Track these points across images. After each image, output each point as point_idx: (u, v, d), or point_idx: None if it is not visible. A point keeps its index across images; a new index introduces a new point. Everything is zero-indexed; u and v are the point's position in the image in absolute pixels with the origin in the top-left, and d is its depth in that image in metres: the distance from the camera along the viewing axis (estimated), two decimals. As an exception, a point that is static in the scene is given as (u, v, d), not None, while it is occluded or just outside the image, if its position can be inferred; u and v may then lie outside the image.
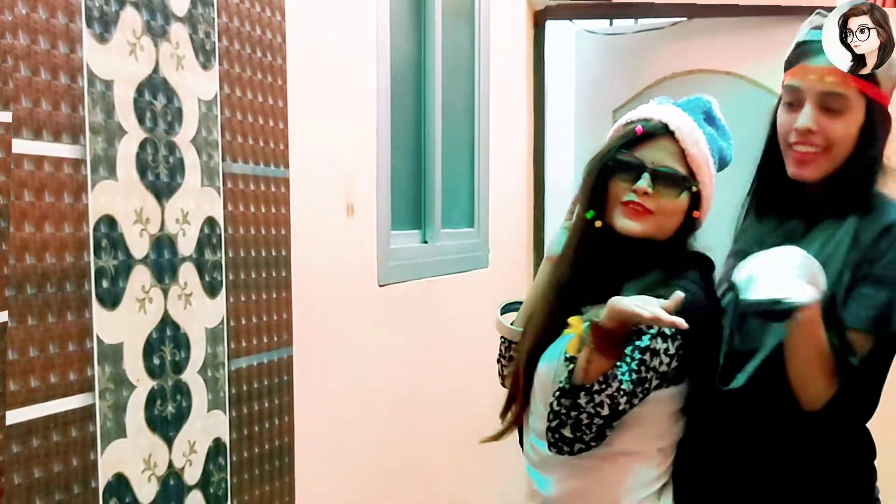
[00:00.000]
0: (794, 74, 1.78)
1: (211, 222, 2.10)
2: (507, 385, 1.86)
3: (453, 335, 3.53)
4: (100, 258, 1.80)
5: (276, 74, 2.34)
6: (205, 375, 2.09)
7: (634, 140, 1.73)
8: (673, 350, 1.62)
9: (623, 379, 1.57)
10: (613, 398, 1.57)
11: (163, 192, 1.96)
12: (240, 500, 2.23)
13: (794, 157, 1.78)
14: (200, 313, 2.08)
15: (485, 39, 3.83)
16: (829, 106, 1.74)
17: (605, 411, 1.57)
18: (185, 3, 2.01)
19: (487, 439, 1.84)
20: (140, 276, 1.90)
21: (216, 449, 2.14)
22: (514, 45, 4.20)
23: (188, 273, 2.03)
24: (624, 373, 1.58)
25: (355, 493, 2.84)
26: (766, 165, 1.88)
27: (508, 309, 1.94)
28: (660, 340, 1.62)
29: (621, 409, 1.59)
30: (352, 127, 2.81)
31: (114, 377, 1.84)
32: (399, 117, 3.17)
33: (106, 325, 1.81)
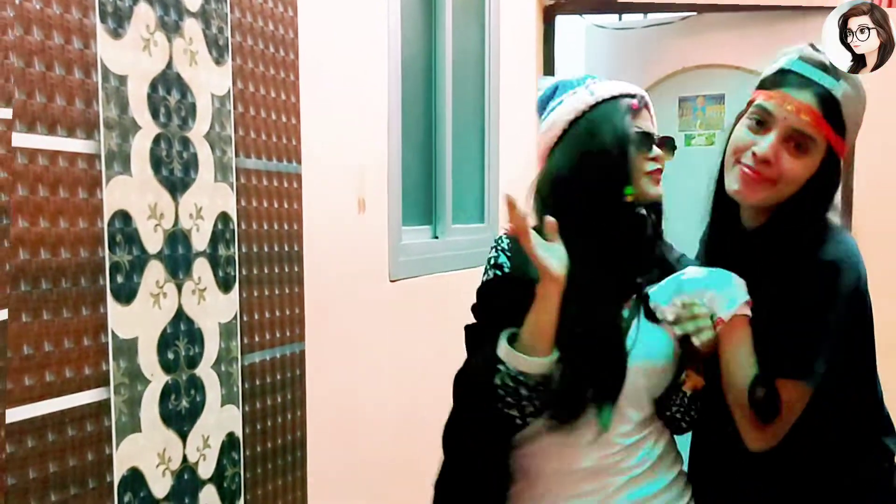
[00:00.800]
0: (771, 98, 1.71)
1: (224, 217, 2.11)
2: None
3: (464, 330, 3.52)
4: (114, 253, 1.80)
5: (289, 70, 2.34)
6: (218, 370, 2.10)
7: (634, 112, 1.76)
8: None
9: None
10: None
11: (177, 187, 1.96)
12: (253, 495, 2.24)
13: (741, 175, 1.72)
14: (214, 308, 2.08)
15: (495, 35, 3.83)
16: (794, 142, 1.68)
17: None
18: (198, -2, 2.01)
19: None
20: (154, 272, 1.90)
21: (230, 443, 2.14)
22: (523, 40, 4.20)
23: (202, 268, 2.04)
24: None
25: (367, 486, 2.84)
26: (718, 182, 1.83)
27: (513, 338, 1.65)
28: None
29: None
30: (363, 122, 2.81)
31: (128, 372, 1.84)
32: (410, 113, 3.17)
33: (120, 320, 1.82)
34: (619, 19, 4.94)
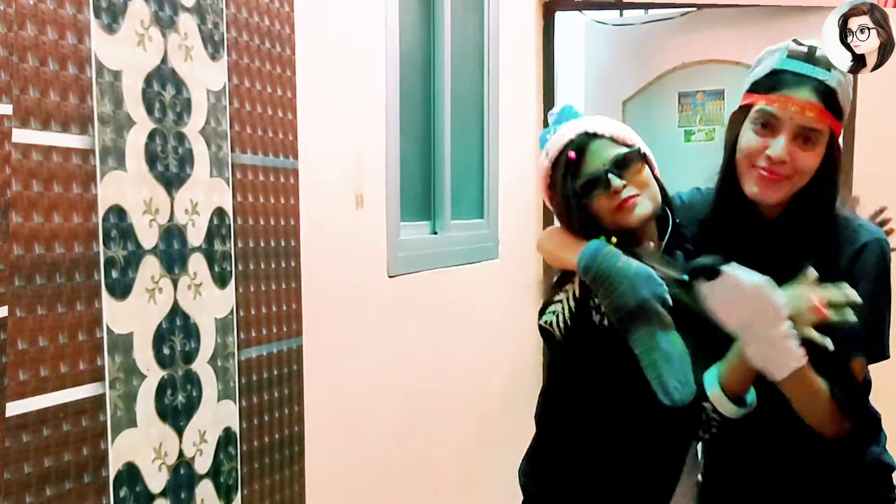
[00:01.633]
0: (772, 102, 1.74)
1: (220, 213, 2.11)
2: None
3: (463, 326, 3.53)
4: (109, 248, 1.80)
5: (285, 65, 2.34)
6: (215, 365, 2.10)
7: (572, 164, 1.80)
8: None
9: None
10: None
11: (172, 182, 1.96)
12: (250, 489, 2.24)
13: (759, 178, 1.76)
14: (210, 303, 2.08)
15: (494, 30, 3.83)
16: (803, 138, 1.73)
17: None
18: (194, -7, 2.01)
19: None
20: (150, 267, 1.91)
21: (226, 438, 2.15)
22: (523, 35, 4.19)
23: (198, 263, 2.04)
24: None
25: (365, 481, 2.85)
26: (726, 183, 1.86)
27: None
28: None
29: None
30: (361, 118, 2.81)
31: (124, 367, 1.85)
32: (408, 108, 3.17)
33: (116, 315, 1.82)
34: (620, 15, 4.93)
